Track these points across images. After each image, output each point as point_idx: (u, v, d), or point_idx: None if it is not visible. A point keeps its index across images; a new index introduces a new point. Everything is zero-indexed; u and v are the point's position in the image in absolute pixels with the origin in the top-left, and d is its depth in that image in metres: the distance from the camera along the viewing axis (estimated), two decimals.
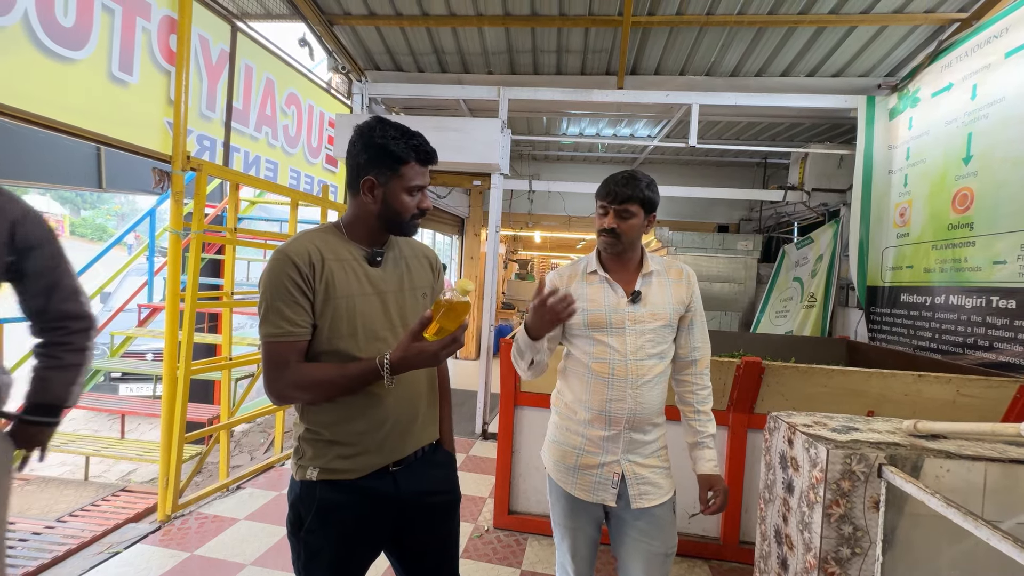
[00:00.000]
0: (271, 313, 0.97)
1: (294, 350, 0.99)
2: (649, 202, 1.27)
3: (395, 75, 3.93)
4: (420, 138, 1.05)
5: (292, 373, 0.98)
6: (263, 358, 0.99)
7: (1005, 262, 2.50)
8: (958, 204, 2.84)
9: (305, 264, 0.99)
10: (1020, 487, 0.97)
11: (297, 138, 3.35)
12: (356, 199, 1.07)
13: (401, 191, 1.04)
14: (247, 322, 5.29)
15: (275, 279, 0.97)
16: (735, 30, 3.17)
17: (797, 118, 4.13)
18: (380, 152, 1.01)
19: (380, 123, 1.03)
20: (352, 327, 1.03)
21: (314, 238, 1.04)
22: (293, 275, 0.98)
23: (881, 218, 3.56)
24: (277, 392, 0.99)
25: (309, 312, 1.00)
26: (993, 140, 2.62)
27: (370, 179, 1.02)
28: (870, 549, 0.98)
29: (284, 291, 0.97)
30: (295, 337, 0.98)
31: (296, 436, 1.07)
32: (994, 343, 2.53)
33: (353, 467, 1.03)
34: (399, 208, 1.05)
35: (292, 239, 1.04)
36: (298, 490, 1.04)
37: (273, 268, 0.98)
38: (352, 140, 1.05)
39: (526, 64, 3.72)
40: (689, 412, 1.34)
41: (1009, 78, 2.54)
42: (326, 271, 1.01)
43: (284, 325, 0.97)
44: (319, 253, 1.02)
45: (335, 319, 1.01)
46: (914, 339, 3.12)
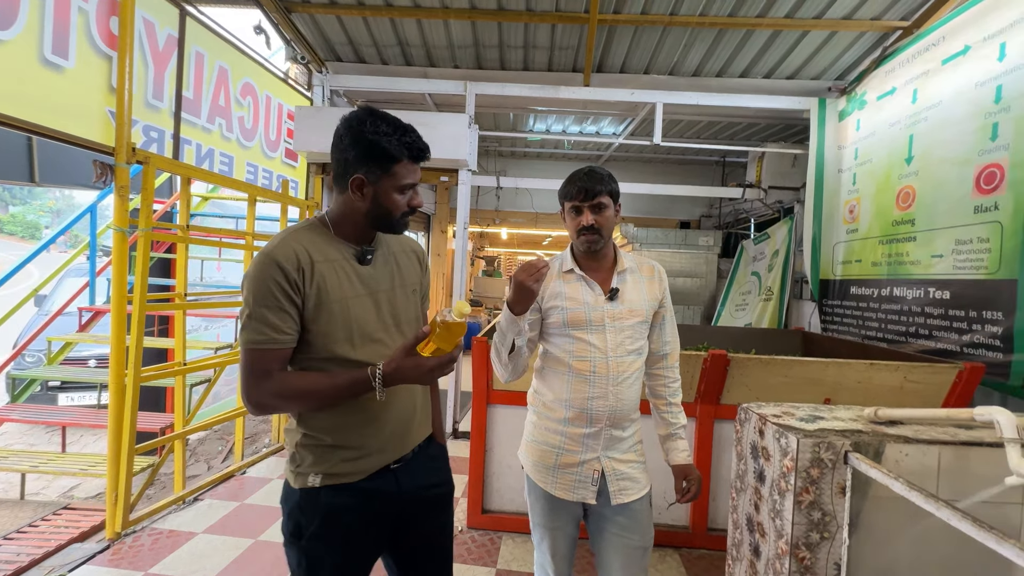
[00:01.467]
0: (254, 319, 0.92)
1: (277, 358, 0.94)
2: (615, 192, 1.29)
3: (357, 67, 3.81)
4: (413, 134, 1.01)
5: (275, 383, 0.93)
6: (243, 366, 0.94)
7: (942, 256, 2.68)
8: (901, 202, 3.02)
9: (293, 268, 0.94)
10: (969, 468, 1.04)
11: (254, 131, 3.19)
12: (343, 196, 1.02)
13: (392, 189, 1.00)
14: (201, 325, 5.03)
15: (260, 283, 0.92)
16: (697, 31, 3.25)
17: (754, 118, 4.29)
18: (371, 148, 0.96)
19: (371, 116, 0.98)
20: (347, 330, 0.99)
21: (300, 238, 0.99)
22: (279, 279, 0.92)
23: (832, 215, 3.74)
24: (256, 401, 0.95)
25: (296, 319, 0.95)
26: (932, 141, 2.80)
27: (359, 177, 0.98)
28: (837, 533, 1.03)
29: (269, 296, 0.92)
30: (279, 345, 0.94)
31: (292, 443, 1.03)
32: (933, 332, 2.71)
33: (357, 469, 1.01)
34: (390, 207, 1.01)
35: (277, 240, 0.98)
36: (297, 498, 1.00)
37: (258, 271, 0.93)
38: (339, 133, 0.99)
39: (493, 59, 3.68)
40: (661, 405, 1.36)
41: (945, 83, 2.72)
42: (316, 274, 0.97)
43: (268, 332, 0.92)
44: (307, 255, 0.97)
45: (329, 323, 0.97)
46: (863, 329, 3.30)
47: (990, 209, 2.37)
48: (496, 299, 8.35)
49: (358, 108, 1.01)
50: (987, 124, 2.43)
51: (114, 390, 2.18)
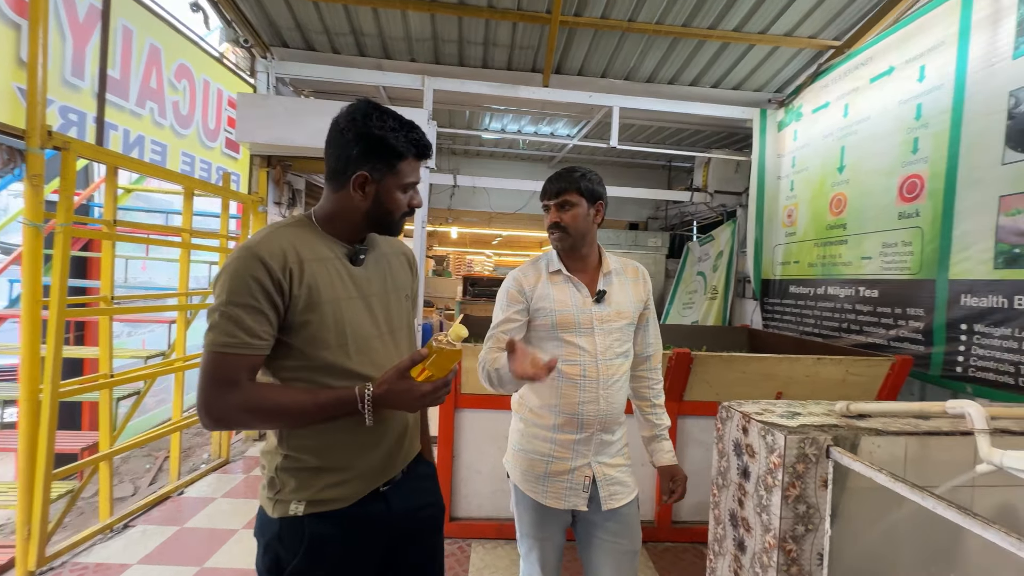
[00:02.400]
0: (226, 319, 0.82)
1: (247, 366, 0.84)
2: (589, 191, 1.27)
3: (306, 54, 3.58)
4: (419, 130, 0.95)
5: (241, 394, 0.83)
6: (204, 372, 0.83)
7: (871, 258, 2.93)
8: (834, 208, 3.27)
9: (279, 267, 0.85)
10: (931, 456, 1.12)
11: (190, 118, 2.92)
12: (340, 193, 0.94)
13: (396, 188, 0.94)
14: (123, 330, 4.53)
15: (238, 280, 0.82)
16: (653, 38, 3.34)
17: (701, 125, 4.49)
18: (377, 145, 0.90)
19: (375, 110, 0.91)
20: (340, 336, 0.91)
21: (287, 235, 0.90)
22: (262, 278, 0.83)
23: (772, 219, 4.00)
24: (218, 414, 0.84)
25: (273, 324, 0.86)
26: (861, 153, 3.05)
27: (363, 174, 0.91)
28: (820, 524, 1.08)
29: (248, 295, 0.82)
30: (251, 351, 0.84)
31: (272, 466, 0.92)
32: (863, 327, 2.96)
33: (345, 494, 0.92)
34: (392, 207, 0.95)
35: (262, 235, 0.88)
36: (276, 529, 0.89)
37: (237, 267, 0.83)
38: (339, 127, 0.91)
39: (451, 54, 3.60)
40: (646, 407, 1.38)
41: (873, 100, 2.97)
42: (307, 274, 0.88)
43: (240, 335, 0.82)
44: (296, 253, 0.88)
45: (321, 327, 0.88)
46: (801, 325, 3.55)
47: (912, 216, 2.62)
48: (448, 299, 8.25)
49: (359, 101, 0.94)
50: (909, 139, 2.68)
51: (27, 407, 1.90)
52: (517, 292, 1.28)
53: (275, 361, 0.89)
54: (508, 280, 1.32)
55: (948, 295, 2.38)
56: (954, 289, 2.35)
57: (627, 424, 1.35)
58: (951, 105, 2.42)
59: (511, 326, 1.27)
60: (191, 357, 2.84)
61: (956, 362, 2.33)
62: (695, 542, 2.40)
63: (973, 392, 2.25)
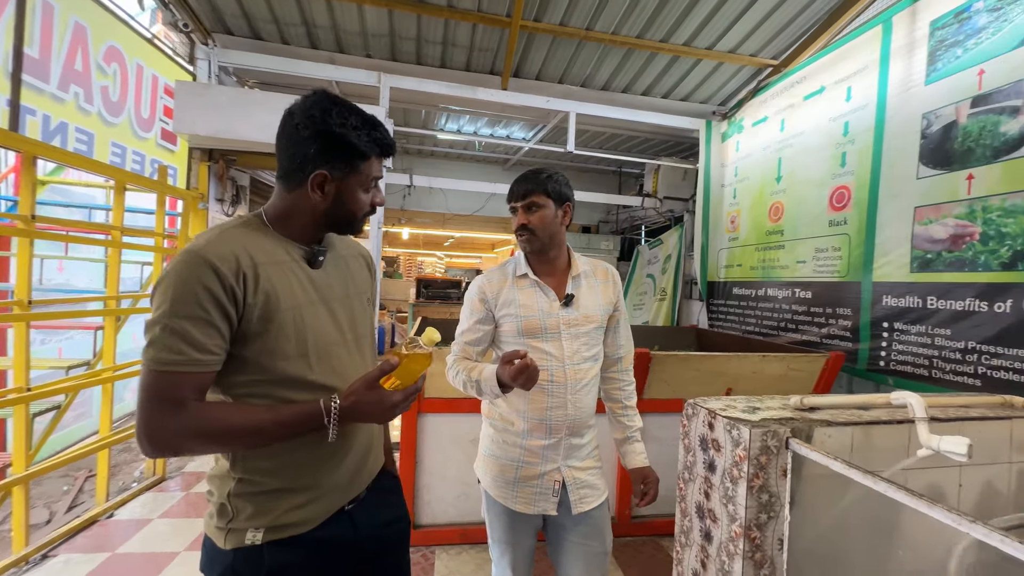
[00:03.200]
0: (169, 333, 0.73)
1: (195, 385, 0.76)
2: (556, 192, 1.28)
3: (253, 43, 3.39)
4: (382, 127, 0.90)
5: (189, 417, 0.75)
6: (144, 393, 0.74)
7: (805, 261, 3.18)
8: (772, 215, 3.52)
9: (231, 272, 0.77)
10: (873, 443, 1.23)
11: (121, 105, 2.67)
12: (296, 193, 0.87)
13: (358, 187, 0.89)
14: (36, 338, 4.06)
15: (184, 288, 0.74)
16: (609, 48, 3.45)
17: (651, 133, 4.68)
18: (337, 144, 0.84)
19: (335, 104, 0.85)
20: (301, 345, 0.84)
21: (238, 236, 0.82)
22: (212, 286, 0.75)
23: (717, 224, 4.24)
24: (162, 441, 0.75)
25: (225, 337, 0.78)
26: (796, 165, 3.30)
27: (322, 173, 0.85)
28: (780, 511, 1.15)
29: (195, 305, 0.74)
30: (200, 367, 0.75)
31: (222, 493, 0.84)
32: (799, 326, 3.20)
33: (308, 517, 0.85)
34: (354, 207, 0.90)
35: (208, 236, 0.80)
36: (230, 561, 0.81)
37: (182, 274, 0.75)
38: (294, 122, 0.85)
39: (409, 52, 3.53)
40: (617, 408, 1.41)
41: (807, 116, 3.22)
42: (263, 279, 0.81)
43: (188, 350, 0.74)
44: (249, 257, 0.80)
45: (279, 337, 0.81)
46: (743, 324, 3.79)
47: (841, 224, 2.87)
48: (400, 301, 8.05)
49: (314, 93, 0.87)
50: (838, 153, 2.93)
51: None
52: (479, 300, 1.27)
53: (225, 376, 0.81)
54: (473, 287, 1.31)
55: (872, 296, 2.62)
56: (877, 291, 2.60)
57: (597, 426, 1.38)
58: (874, 124, 2.67)
59: (475, 336, 1.27)
60: (122, 366, 2.60)
61: (880, 357, 2.57)
62: (653, 535, 2.49)
63: (894, 384, 2.49)
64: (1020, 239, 1.96)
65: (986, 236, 2.08)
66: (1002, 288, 2.02)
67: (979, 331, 2.10)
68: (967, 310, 2.15)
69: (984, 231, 2.09)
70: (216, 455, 0.87)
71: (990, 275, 2.06)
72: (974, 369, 2.12)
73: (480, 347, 1.26)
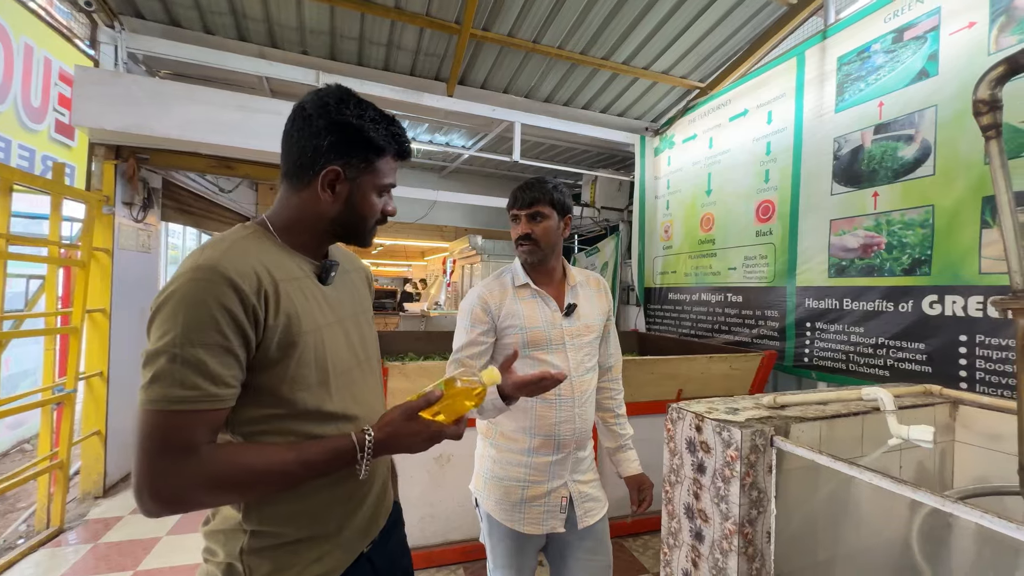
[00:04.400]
0: (180, 364, 0.62)
1: (209, 424, 0.65)
2: (560, 203, 1.28)
3: (168, 30, 3.04)
4: (399, 125, 0.83)
5: (204, 463, 0.64)
6: (149, 439, 0.62)
7: (735, 268, 3.46)
8: (704, 225, 3.79)
9: (252, 291, 0.67)
10: (836, 435, 1.35)
11: (6, 90, 2.25)
12: (303, 194, 0.78)
13: (372, 190, 0.81)
14: None
15: (199, 310, 0.63)
16: (554, 61, 3.53)
17: (590, 145, 4.86)
18: (354, 136, 0.76)
19: (351, 96, 0.78)
20: (322, 372, 0.75)
21: (251, 249, 0.72)
22: (232, 307, 0.65)
23: (652, 233, 4.49)
24: (172, 494, 0.63)
25: (243, 366, 0.68)
26: (725, 179, 3.60)
27: (335, 170, 0.77)
28: (768, 506, 1.22)
29: (213, 331, 0.64)
30: (216, 404, 0.65)
31: (231, 551, 0.71)
32: (731, 327, 3.47)
33: (330, 568, 0.76)
34: (366, 211, 0.82)
35: (221, 249, 0.69)
36: None
37: (196, 293, 0.64)
38: (305, 114, 0.76)
39: (350, 52, 3.37)
40: (609, 418, 1.42)
41: (733, 136, 3.53)
42: (284, 299, 0.71)
43: (204, 384, 0.63)
44: (268, 273, 0.71)
45: (299, 365, 0.72)
46: (679, 327, 4.03)
47: (767, 234, 3.16)
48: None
49: (329, 86, 0.80)
50: (762, 170, 3.24)
51: None
52: (482, 311, 1.23)
53: (235, 412, 0.70)
54: (471, 298, 1.26)
55: (796, 299, 2.91)
56: (800, 294, 2.89)
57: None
58: (792, 145, 2.98)
59: (476, 349, 1.21)
60: (6, 400, 2.17)
61: (804, 354, 2.85)
62: (616, 537, 2.55)
63: (817, 377, 2.78)
64: (917, 248, 2.28)
65: (890, 245, 2.39)
66: (904, 290, 2.33)
67: (887, 328, 2.40)
68: (876, 310, 2.45)
69: (888, 241, 2.40)
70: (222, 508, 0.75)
71: (894, 279, 2.38)
72: (883, 362, 2.42)
73: (482, 361, 1.21)
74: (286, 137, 0.80)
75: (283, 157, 0.81)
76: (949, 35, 2.18)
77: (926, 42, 2.28)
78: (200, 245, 0.73)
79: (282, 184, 0.82)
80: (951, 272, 2.14)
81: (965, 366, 2.07)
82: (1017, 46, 1.95)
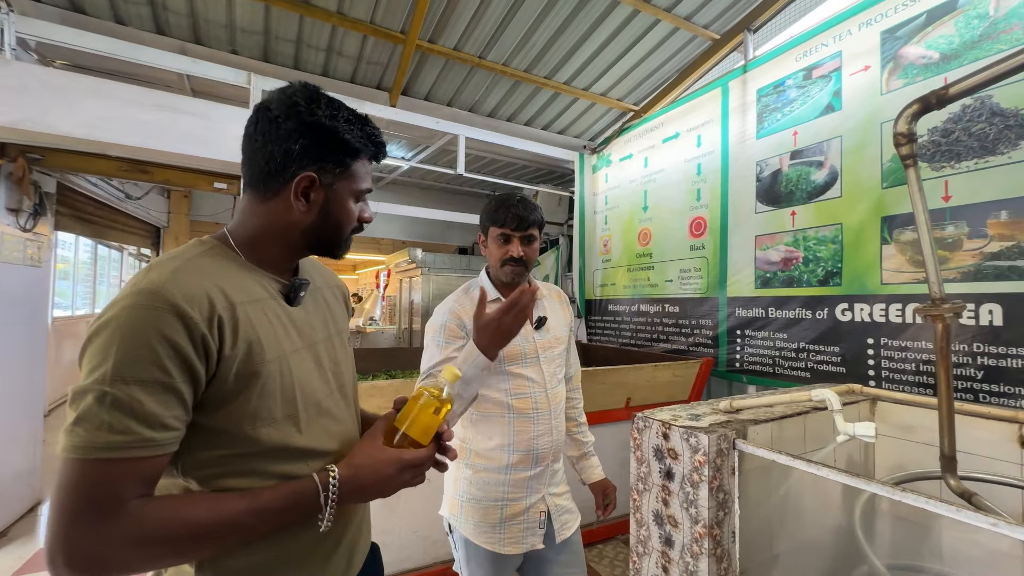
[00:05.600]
0: (109, 405, 0.53)
1: (143, 475, 0.56)
2: (543, 225, 1.31)
3: (68, 16, 2.70)
4: (372, 124, 0.78)
5: (134, 520, 0.54)
6: (65, 493, 0.53)
7: (672, 280, 3.67)
8: (642, 239, 3.99)
9: (203, 318, 0.59)
10: (785, 435, 1.46)
11: None
12: (271, 203, 0.71)
13: (349, 196, 0.75)
14: None
15: (135, 341, 0.55)
16: (499, 77, 3.58)
17: (530, 161, 4.96)
18: (328, 139, 0.70)
19: (318, 94, 0.72)
20: (289, 404, 0.67)
21: (206, 269, 0.64)
22: (176, 338, 0.56)
23: (592, 247, 4.64)
24: (94, 560, 0.53)
25: (188, 405, 0.59)
26: (660, 197, 3.82)
27: (309, 176, 0.70)
28: (732, 506, 1.28)
29: (150, 365, 0.55)
30: (152, 450, 0.56)
31: None
32: (669, 336, 3.66)
33: None
34: (342, 220, 0.75)
35: (168, 271, 0.60)
36: None
37: (133, 321, 0.55)
38: (272, 114, 0.69)
39: (286, 55, 3.19)
40: (572, 426, 1.43)
41: (666, 156, 3.76)
42: (243, 324, 0.63)
43: (137, 428, 0.54)
44: (224, 296, 0.63)
45: (262, 397, 0.64)
46: (619, 337, 4.19)
47: (700, 248, 3.39)
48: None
49: (293, 84, 0.73)
50: (693, 189, 3.48)
51: None
52: (457, 327, 1.19)
53: (188, 454, 0.61)
54: (442, 314, 1.22)
55: (727, 309, 3.14)
56: (731, 304, 3.12)
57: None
58: (720, 167, 3.24)
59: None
60: None
61: (735, 359, 3.07)
62: None
63: (747, 381, 3.00)
64: (830, 262, 2.55)
65: (807, 259, 2.66)
66: (819, 299, 2.59)
67: (806, 334, 2.66)
68: (797, 318, 2.70)
69: (805, 255, 2.67)
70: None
71: (811, 290, 2.64)
72: (805, 364, 2.67)
73: None
74: (248, 141, 0.72)
75: (245, 164, 0.73)
76: (850, 75, 2.50)
77: (831, 80, 2.59)
78: (148, 264, 0.63)
79: (245, 194, 0.74)
80: (858, 283, 2.42)
81: (873, 366, 2.34)
82: (903, 88, 2.27)
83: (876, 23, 2.39)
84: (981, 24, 2.00)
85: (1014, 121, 1.88)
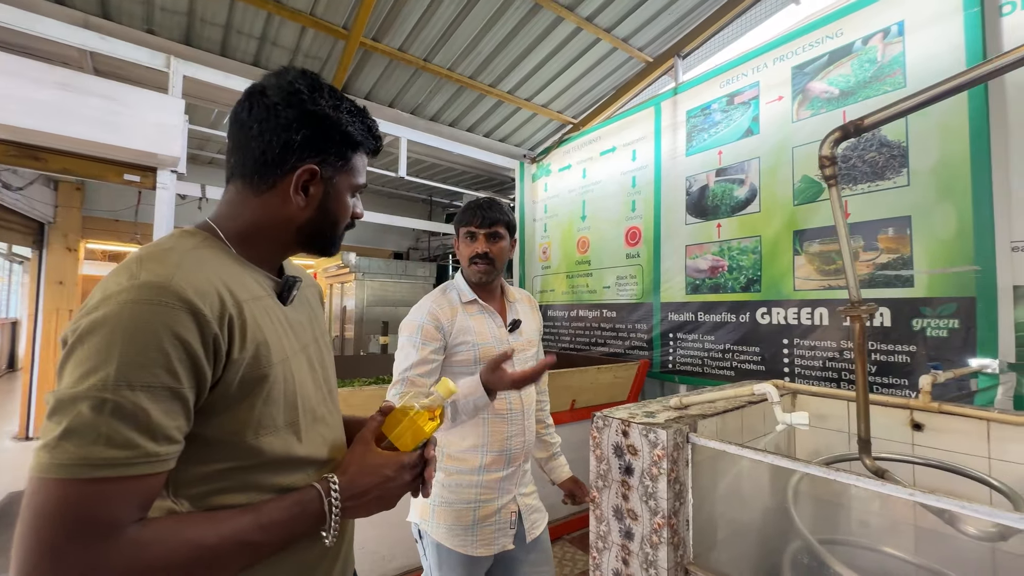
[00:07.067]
0: (111, 414, 0.47)
1: (141, 495, 0.50)
2: (512, 225, 1.33)
3: None
4: (371, 116, 0.75)
5: (131, 547, 0.48)
6: (47, 520, 0.45)
7: (609, 287, 3.84)
8: (580, 248, 4.15)
9: (215, 316, 0.54)
10: (727, 427, 1.59)
11: None
12: (267, 196, 0.66)
13: (347, 190, 0.72)
14: None
15: (146, 342, 0.49)
16: (443, 81, 3.57)
17: (470, 167, 4.96)
18: (331, 131, 0.67)
19: (319, 82, 0.68)
20: (291, 411, 0.63)
21: (208, 262, 0.58)
22: (190, 338, 0.51)
23: (531, 254, 4.74)
24: None
25: (191, 415, 0.53)
26: (597, 207, 4.00)
27: (311, 169, 0.66)
28: (687, 496, 1.37)
29: (161, 368, 0.49)
30: (155, 467, 0.50)
31: None
32: (607, 340, 3.82)
33: None
34: (340, 215, 0.73)
35: (171, 263, 0.54)
36: None
37: (143, 319, 0.49)
38: (269, 100, 0.64)
39: (212, 40, 2.94)
40: (540, 429, 1.46)
41: (603, 169, 3.95)
42: (251, 325, 0.59)
43: (141, 441, 0.48)
44: (230, 293, 0.57)
45: (267, 404, 0.59)
46: (559, 342, 4.30)
47: (635, 256, 3.59)
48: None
49: (288, 69, 0.69)
50: (629, 200, 3.68)
51: None
52: (434, 328, 1.18)
53: (183, 471, 0.55)
54: (419, 314, 1.19)
55: (661, 314, 3.35)
56: (664, 309, 3.33)
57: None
58: (654, 180, 3.46)
59: (427, 367, 1.16)
60: None
61: (669, 361, 3.28)
62: None
63: (679, 381, 3.21)
64: (750, 270, 2.82)
65: (731, 267, 2.92)
66: (742, 304, 2.85)
67: (731, 336, 2.91)
68: (722, 321, 2.95)
69: (730, 264, 2.92)
70: None
71: (735, 295, 2.89)
72: (730, 364, 2.91)
73: (432, 380, 1.15)
74: (240, 128, 0.67)
75: (236, 152, 0.68)
76: (766, 103, 2.79)
77: (750, 107, 2.87)
78: (131, 256, 0.56)
79: (232, 185, 0.69)
80: (775, 289, 2.69)
81: (788, 363, 2.61)
82: (810, 118, 2.58)
83: (788, 59, 2.70)
84: (872, 67, 2.34)
85: (897, 151, 2.22)
